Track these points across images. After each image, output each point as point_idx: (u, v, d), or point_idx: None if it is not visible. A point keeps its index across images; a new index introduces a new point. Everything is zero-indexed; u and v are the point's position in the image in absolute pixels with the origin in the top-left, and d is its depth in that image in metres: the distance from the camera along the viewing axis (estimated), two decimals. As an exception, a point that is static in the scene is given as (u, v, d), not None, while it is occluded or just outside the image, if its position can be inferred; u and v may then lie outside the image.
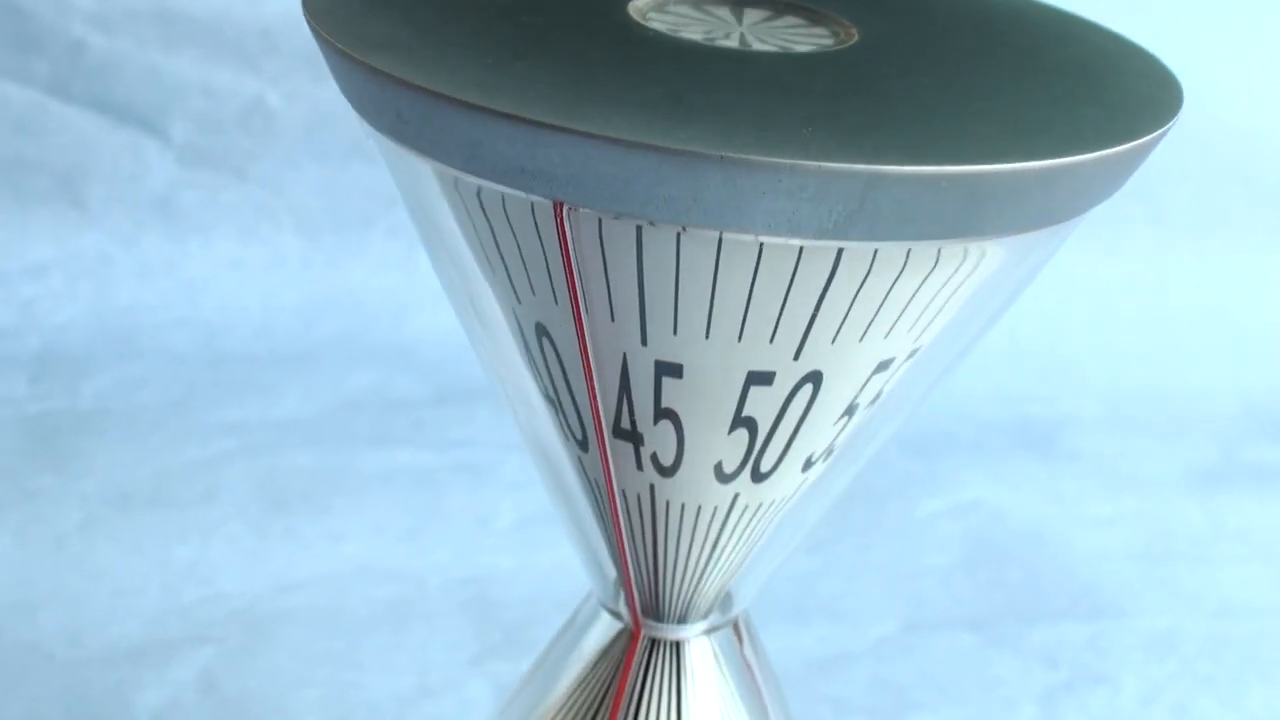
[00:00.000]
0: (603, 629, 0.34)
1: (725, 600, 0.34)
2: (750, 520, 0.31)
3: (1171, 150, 0.84)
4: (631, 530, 0.31)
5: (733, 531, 0.31)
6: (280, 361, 0.75)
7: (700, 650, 0.33)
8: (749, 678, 0.34)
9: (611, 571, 0.33)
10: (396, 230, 0.80)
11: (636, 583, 0.32)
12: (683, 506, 0.30)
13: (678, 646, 0.33)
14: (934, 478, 0.71)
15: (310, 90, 0.77)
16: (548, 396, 0.30)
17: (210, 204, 0.78)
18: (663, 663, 0.33)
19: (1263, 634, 0.62)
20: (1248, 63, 0.82)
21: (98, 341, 0.75)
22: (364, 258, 0.80)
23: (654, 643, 0.33)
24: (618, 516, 0.30)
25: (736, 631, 0.34)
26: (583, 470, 0.31)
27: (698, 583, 0.32)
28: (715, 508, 0.30)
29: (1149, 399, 0.79)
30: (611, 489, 0.30)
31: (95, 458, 0.67)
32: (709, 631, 0.34)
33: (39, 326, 0.75)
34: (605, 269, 0.26)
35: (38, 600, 0.58)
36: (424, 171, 0.27)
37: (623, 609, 0.34)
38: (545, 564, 0.63)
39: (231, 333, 0.76)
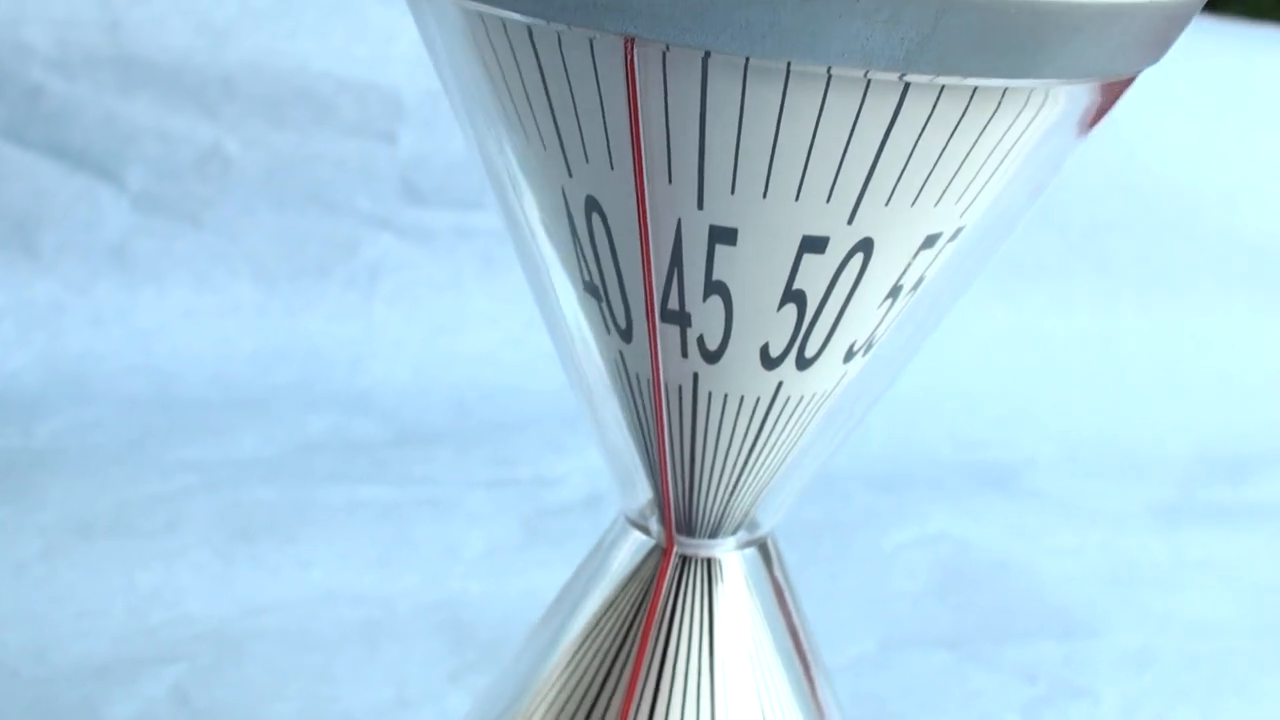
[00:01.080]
0: (631, 549, 0.34)
1: (752, 523, 0.34)
2: (790, 416, 0.31)
3: (1116, 205, 0.86)
4: (670, 426, 0.31)
5: (772, 428, 0.31)
6: (236, 406, 0.74)
7: (732, 568, 0.33)
8: (779, 598, 0.34)
9: (644, 484, 0.33)
10: (353, 280, 0.79)
11: (671, 491, 0.32)
12: (725, 397, 0.30)
13: (709, 564, 0.33)
14: (898, 511, 0.71)
15: (268, 137, 0.77)
16: (590, 287, 0.30)
17: (165, 252, 0.78)
18: (694, 580, 0.33)
19: (1236, 651, 0.63)
20: (1188, 120, 0.85)
21: (50, 387, 0.73)
22: (321, 307, 0.79)
23: (685, 560, 0.33)
24: (661, 407, 0.30)
25: (765, 552, 0.34)
26: (622, 368, 0.31)
27: (734, 487, 0.32)
28: (758, 399, 0.30)
29: (1104, 444, 0.80)
30: (657, 374, 0.29)
31: (52, 491, 0.65)
32: (740, 548, 0.33)
33: (-11, 372, 0.74)
34: (666, 119, 0.26)
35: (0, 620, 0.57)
36: (477, 41, 0.27)
37: (654, 524, 0.33)
38: (518, 589, 0.62)
39: (185, 379, 0.75)
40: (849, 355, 0.30)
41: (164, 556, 0.61)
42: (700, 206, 0.27)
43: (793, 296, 0.28)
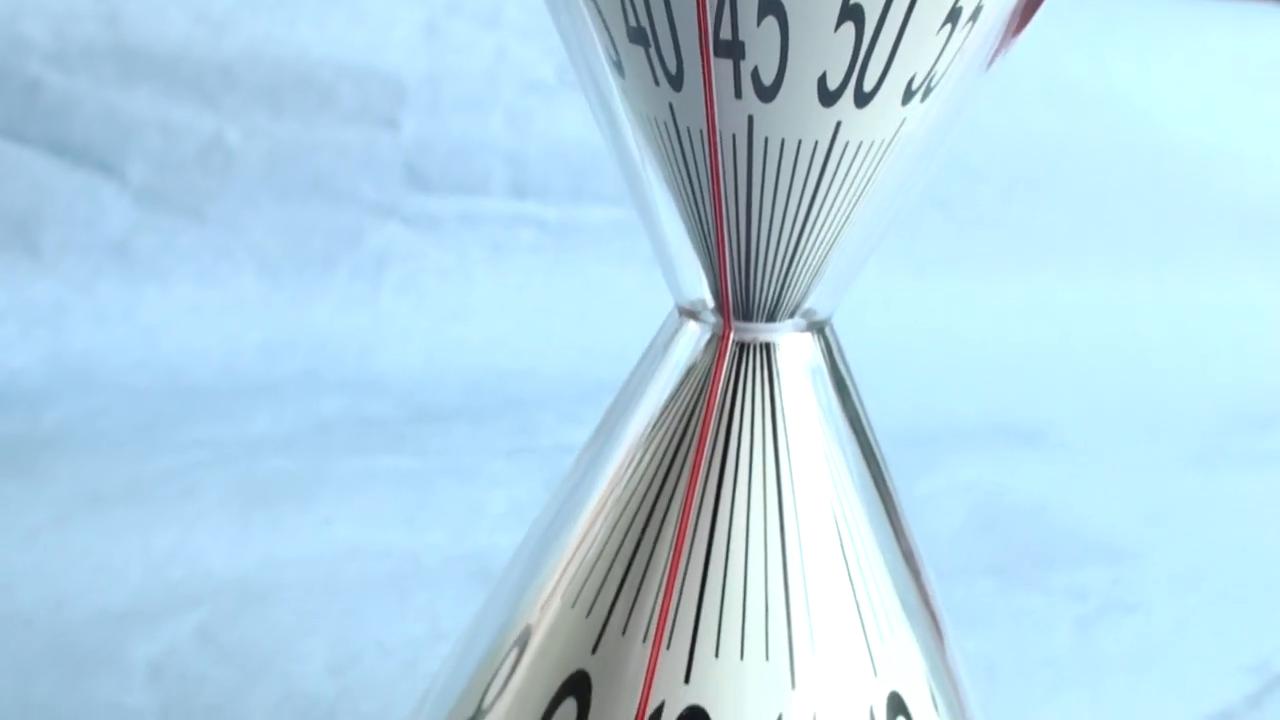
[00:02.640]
0: (686, 341, 0.32)
1: (809, 311, 0.32)
2: (849, 167, 0.29)
3: (1123, 173, 0.86)
4: (725, 185, 0.29)
5: (830, 180, 0.29)
6: (246, 392, 0.72)
7: (791, 352, 0.32)
8: (840, 388, 0.32)
9: (696, 268, 0.32)
10: (360, 270, 0.78)
11: (727, 262, 0.31)
12: (782, 143, 0.29)
13: (767, 350, 0.32)
14: (927, 463, 0.70)
15: (270, 127, 0.76)
16: (637, 32, 0.29)
17: (168, 248, 0.76)
18: (754, 366, 0.31)
19: (1286, 572, 0.61)
20: (1193, 86, 0.84)
21: (55, 382, 0.72)
22: (327, 299, 0.78)
23: (743, 347, 0.32)
24: (716, 159, 0.29)
25: (824, 340, 0.32)
26: (672, 126, 0.30)
27: (791, 256, 0.30)
28: (815, 143, 0.29)
29: (1126, 405, 0.79)
30: (711, 114, 0.28)
31: (61, 469, 0.64)
32: (798, 332, 0.32)
33: (-7, 371, 0.72)
34: None
35: (12, 580, 0.55)
36: None
37: (710, 314, 0.32)
38: (545, 542, 0.60)
39: (193, 372, 0.74)
40: (908, 95, 0.29)
41: (180, 521, 0.60)
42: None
43: (850, 13, 0.27)
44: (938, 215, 0.83)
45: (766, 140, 0.29)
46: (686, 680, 0.31)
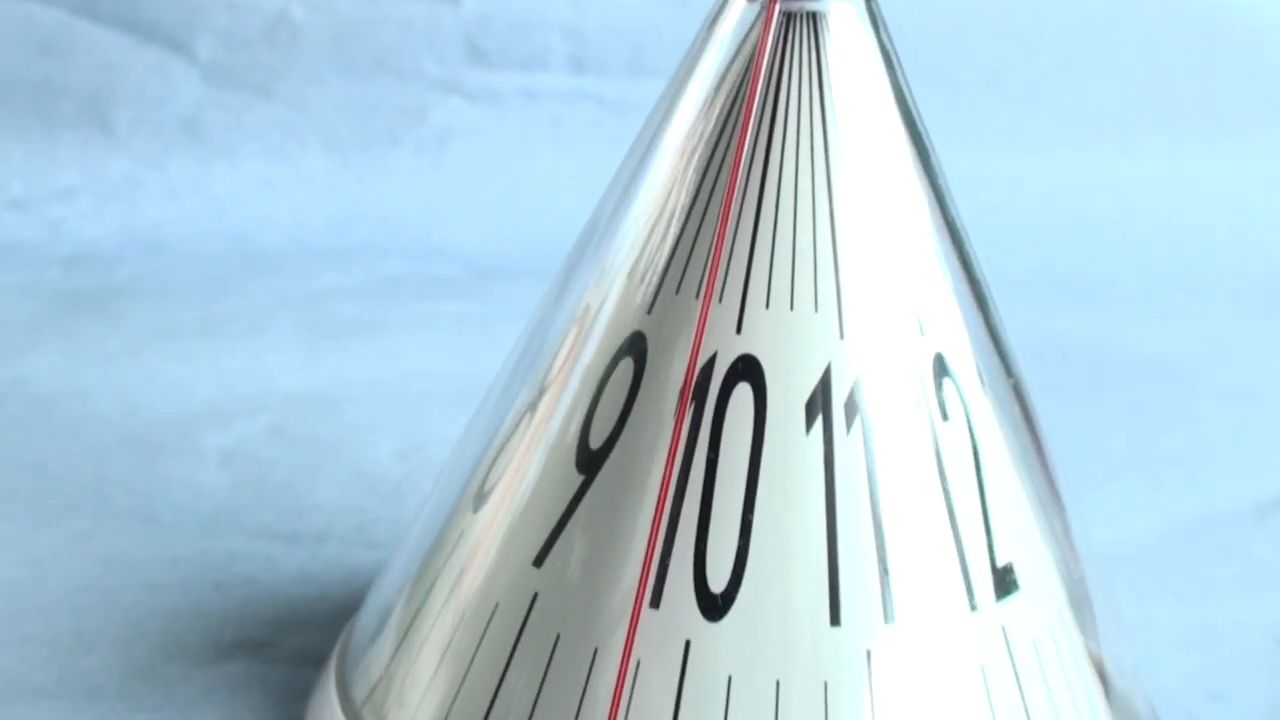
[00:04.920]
0: (733, 15, 0.33)
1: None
2: None
3: (1176, 48, 0.86)
4: None
5: None
6: (314, 256, 0.74)
7: (838, 21, 0.33)
8: (888, 62, 0.33)
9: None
10: (423, 145, 0.80)
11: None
12: None
13: (814, 19, 0.33)
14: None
15: (333, 2, 0.78)
16: None
17: (236, 125, 0.78)
18: (800, 34, 0.32)
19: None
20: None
21: (128, 248, 0.74)
22: (392, 174, 0.79)
23: (790, 17, 0.33)
24: None
25: (871, 13, 0.33)
26: None
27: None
28: None
29: (1183, 269, 0.78)
30: None
31: (136, 311, 0.66)
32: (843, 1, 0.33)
33: (69, 240, 0.74)
34: None
35: (88, 391, 0.56)
36: None
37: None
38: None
39: (262, 240, 0.75)
40: None
41: (251, 350, 0.62)
42: None
43: None
44: (992, 89, 0.84)
45: None
46: (738, 330, 0.32)
